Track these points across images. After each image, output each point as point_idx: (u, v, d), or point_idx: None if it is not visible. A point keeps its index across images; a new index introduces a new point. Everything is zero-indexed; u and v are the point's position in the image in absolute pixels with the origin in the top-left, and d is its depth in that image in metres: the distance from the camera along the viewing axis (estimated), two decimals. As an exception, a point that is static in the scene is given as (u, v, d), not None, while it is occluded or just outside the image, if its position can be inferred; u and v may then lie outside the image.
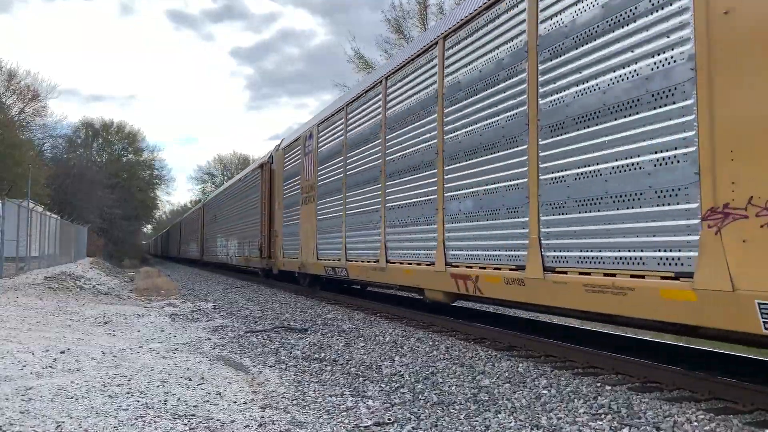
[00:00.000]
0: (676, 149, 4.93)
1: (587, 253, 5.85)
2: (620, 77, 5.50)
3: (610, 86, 5.62)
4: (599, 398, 5.21)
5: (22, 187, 29.66)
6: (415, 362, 6.87)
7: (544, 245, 6.42)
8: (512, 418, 4.66)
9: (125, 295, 17.30)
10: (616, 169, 5.52)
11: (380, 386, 5.69)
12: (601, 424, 4.49)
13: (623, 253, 5.42)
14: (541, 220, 6.48)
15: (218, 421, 4.38)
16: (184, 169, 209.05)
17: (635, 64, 5.34)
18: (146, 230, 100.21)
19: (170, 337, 8.68)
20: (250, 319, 11.05)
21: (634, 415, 4.73)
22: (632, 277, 5.29)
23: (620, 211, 5.46)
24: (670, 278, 4.95)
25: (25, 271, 21.04)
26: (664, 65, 5.07)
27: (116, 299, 15.60)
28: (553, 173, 6.32)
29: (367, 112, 11.47)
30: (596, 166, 5.75)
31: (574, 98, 6.07)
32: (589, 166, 5.84)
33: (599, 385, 5.73)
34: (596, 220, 5.75)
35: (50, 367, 6.04)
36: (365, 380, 5.98)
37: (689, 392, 5.34)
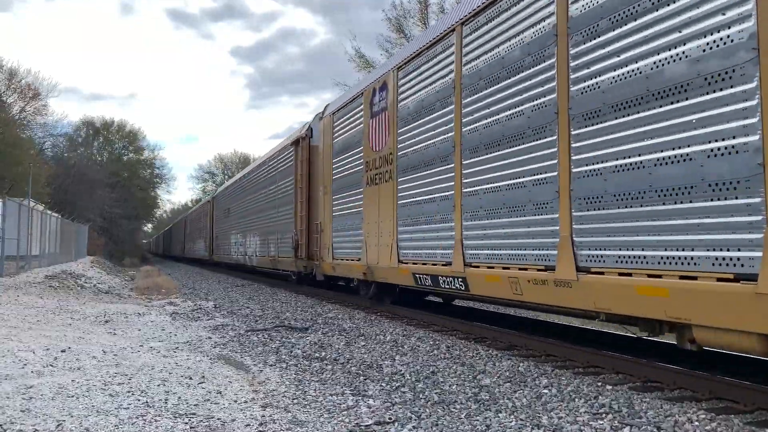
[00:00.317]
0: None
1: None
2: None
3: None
4: (600, 398, 5.21)
5: (22, 186, 29.69)
6: (415, 361, 6.87)
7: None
8: (513, 417, 4.65)
9: (126, 293, 17.30)
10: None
11: (381, 385, 5.69)
12: (602, 423, 4.48)
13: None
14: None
15: (219, 420, 4.37)
16: (184, 168, 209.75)
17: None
18: (147, 229, 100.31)
19: (171, 335, 8.68)
20: (250, 318, 11.05)
21: (635, 414, 4.72)
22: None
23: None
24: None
25: (25, 269, 21.05)
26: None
27: (117, 298, 15.60)
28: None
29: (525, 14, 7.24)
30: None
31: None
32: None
33: (600, 384, 5.72)
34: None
35: (51, 365, 6.04)
36: (366, 379, 5.98)
37: (690, 392, 5.33)
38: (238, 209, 25.64)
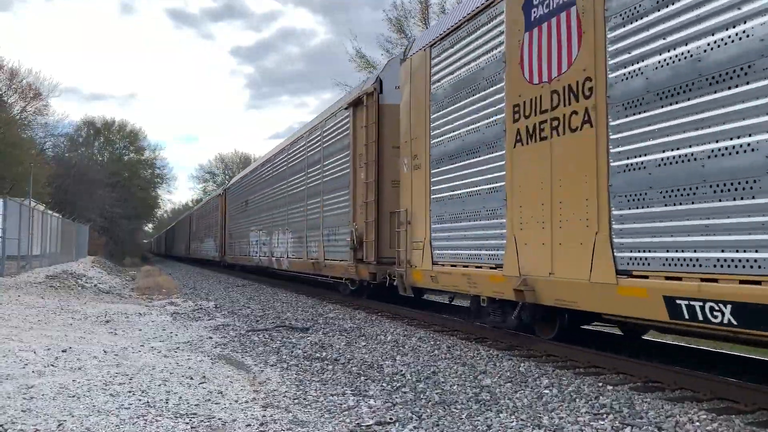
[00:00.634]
0: None
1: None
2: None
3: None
4: (601, 398, 5.21)
5: (23, 186, 29.72)
6: (416, 361, 6.87)
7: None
8: (514, 417, 4.66)
9: (126, 293, 17.31)
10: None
11: (382, 385, 5.69)
12: (602, 423, 4.48)
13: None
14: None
15: (220, 420, 4.38)
16: (184, 167, 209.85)
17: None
18: (147, 229, 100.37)
19: (172, 335, 8.69)
20: (251, 317, 11.05)
21: (635, 414, 4.72)
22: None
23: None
24: None
25: (26, 269, 21.06)
26: None
27: (117, 298, 15.61)
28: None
29: None
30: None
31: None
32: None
33: (601, 384, 5.72)
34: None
35: (52, 365, 6.04)
36: (367, 379, 5.98)
37: (691, 392, 5.33)
38: (260, 201, 21.77)
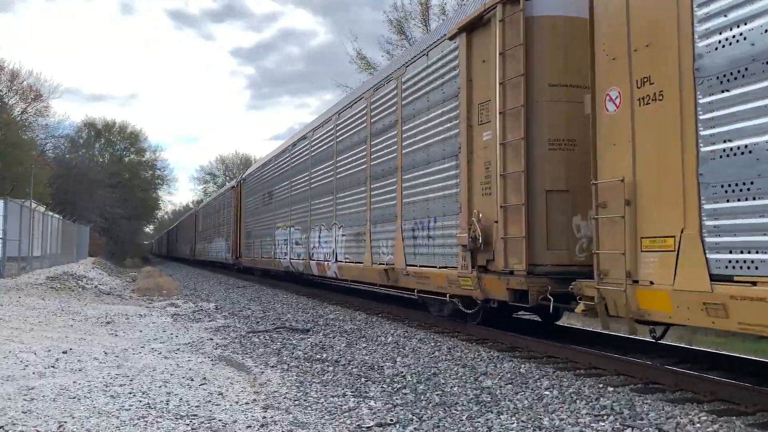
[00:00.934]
0: None
1: None
2: None
3: None
4: (601, 399, 5.21)
5: (24, 187, 29.73)
6: (417, 363, 6.87)
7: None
8: (514, 419, 4.66)
9: (127, 295, 17.31)
10: None
11: (382, 387, 5.69)
12: (603, 425, 4.48)
13: None
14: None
15: (220, 421, 4.38)
16: (184, 168, 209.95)
17: None
18: (148, 230, 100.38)
19: (172, 337, 8.69)
20: (252, 319, 11.05)
21: (636, 416, 4.72)
22: None
23: None
24: None
25: (27, 271, 21.07)
26: None
27: (118, 299, 15.61)
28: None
29: None
30: None
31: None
32: None
33: (601, 386, 5.72)
34: None
35: (52, 367, 6.05)
36: (367, 381, 5.98)
37: (691, 393, 5.33)
38: (289, 191, 17.44)
